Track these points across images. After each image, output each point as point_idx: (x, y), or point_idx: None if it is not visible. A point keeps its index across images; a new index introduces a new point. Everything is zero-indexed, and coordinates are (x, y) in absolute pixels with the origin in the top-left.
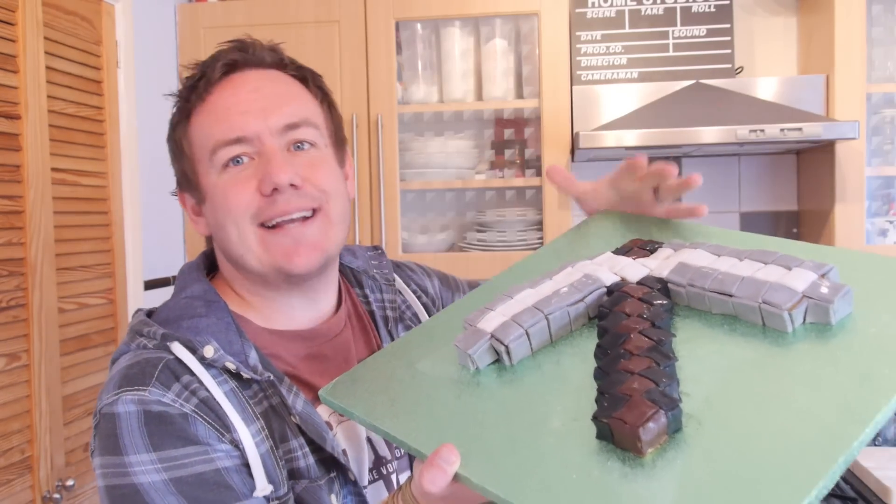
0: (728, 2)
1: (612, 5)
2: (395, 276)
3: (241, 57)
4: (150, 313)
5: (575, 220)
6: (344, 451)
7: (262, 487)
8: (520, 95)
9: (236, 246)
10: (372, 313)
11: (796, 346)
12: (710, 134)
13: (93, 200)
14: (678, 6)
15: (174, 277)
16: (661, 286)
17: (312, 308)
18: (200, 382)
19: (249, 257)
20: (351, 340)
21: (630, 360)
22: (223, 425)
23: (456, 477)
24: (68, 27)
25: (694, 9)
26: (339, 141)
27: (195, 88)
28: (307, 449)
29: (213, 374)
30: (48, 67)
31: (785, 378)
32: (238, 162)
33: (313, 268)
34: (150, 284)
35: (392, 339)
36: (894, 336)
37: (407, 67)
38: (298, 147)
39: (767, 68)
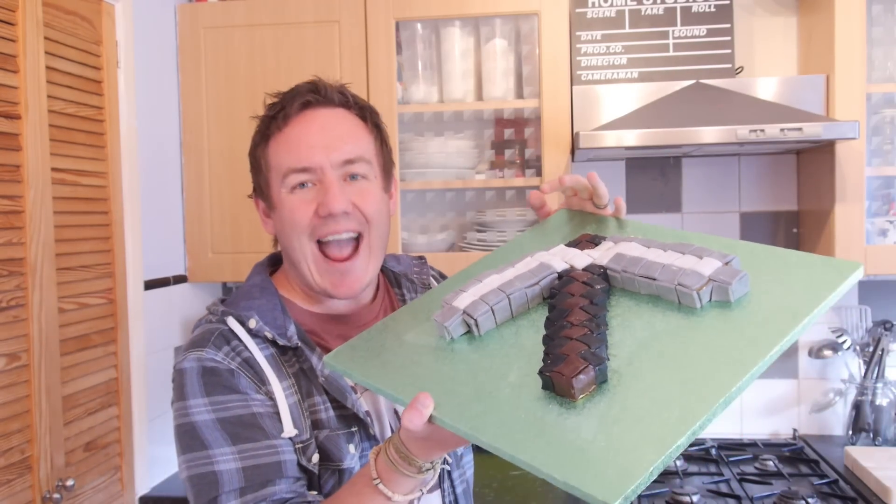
0: (728, 2)
1: (612, 5)
2: (433, 281)
3: (314, 98)
4: (223, 299)
5: None
6: (368, 413)
7: (289, 431)
8: (520, 95)
9: (296, 253)
10: None
11: (702, 319)
12: (710, 134)
13: (93, 200)
14: (678, 6)
15: (174, 277)
16: (602, 272)
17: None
18: (245, 347)
19: (304, 269)
20: None
21: (570, 329)
22: (260, 380)
23: (431, 419)
24: (68, 27)
25: (694, 9)
26: (387, 170)
27: (275, 118)
28: (329, 404)
29: (257, 342)
30: (48, 67)
31: (689, 344)
32: (304, 186)
33: (354, 296)
34: (150, 284)
35: None
36: (777, 311)
37: (407, 67)
38: (353, 177)
39: (767, 68)
